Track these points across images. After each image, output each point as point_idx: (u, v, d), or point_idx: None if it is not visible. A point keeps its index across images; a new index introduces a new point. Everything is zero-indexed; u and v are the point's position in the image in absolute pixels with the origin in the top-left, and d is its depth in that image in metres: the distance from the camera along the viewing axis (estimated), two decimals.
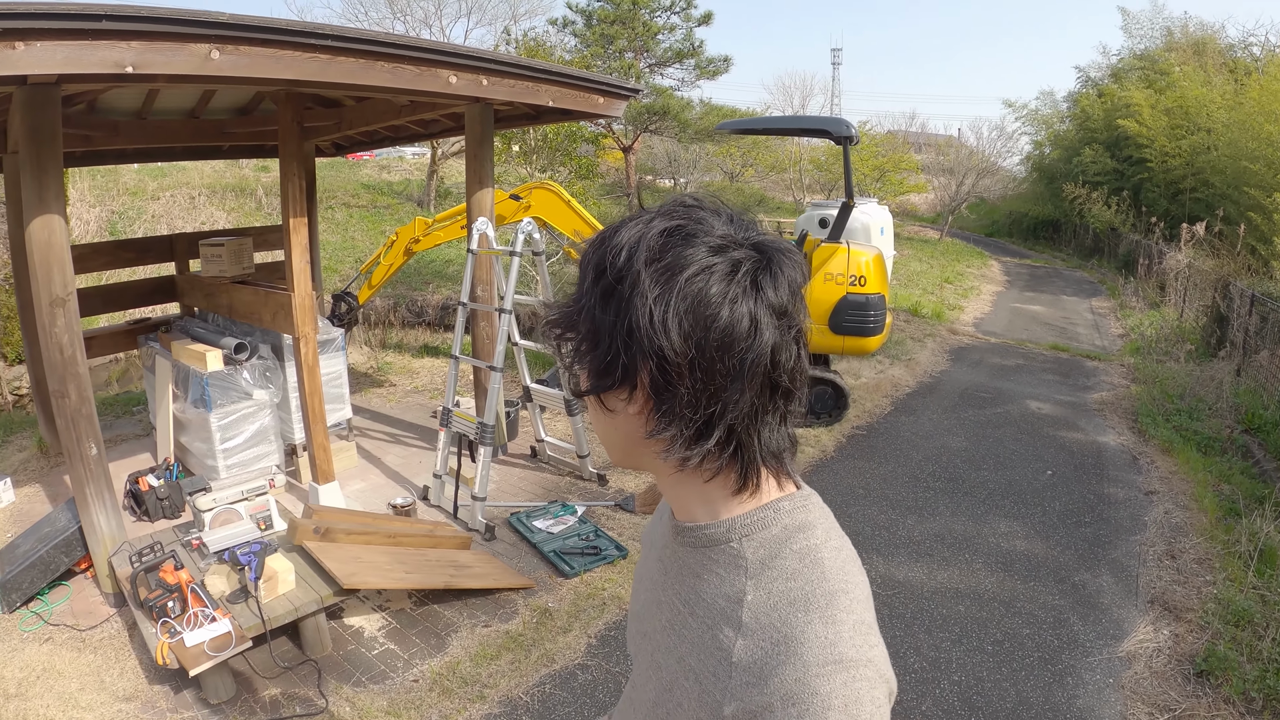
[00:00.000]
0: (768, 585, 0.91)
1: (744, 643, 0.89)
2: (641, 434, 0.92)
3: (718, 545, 0.97)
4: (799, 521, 0.96)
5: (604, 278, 0.88)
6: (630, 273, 0.86)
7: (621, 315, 0.86)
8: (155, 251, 7.42)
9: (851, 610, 0.89)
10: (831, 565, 0.93)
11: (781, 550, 0.93)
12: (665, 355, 0.84)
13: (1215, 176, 18.04)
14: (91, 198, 15.65)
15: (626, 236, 0.88)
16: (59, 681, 3.81)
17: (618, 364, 0.88)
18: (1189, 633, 4.40)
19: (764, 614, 0.90)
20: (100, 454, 4.41)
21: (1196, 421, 8.05)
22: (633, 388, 0.89)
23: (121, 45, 3.43)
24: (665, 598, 1.06)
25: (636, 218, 0.92)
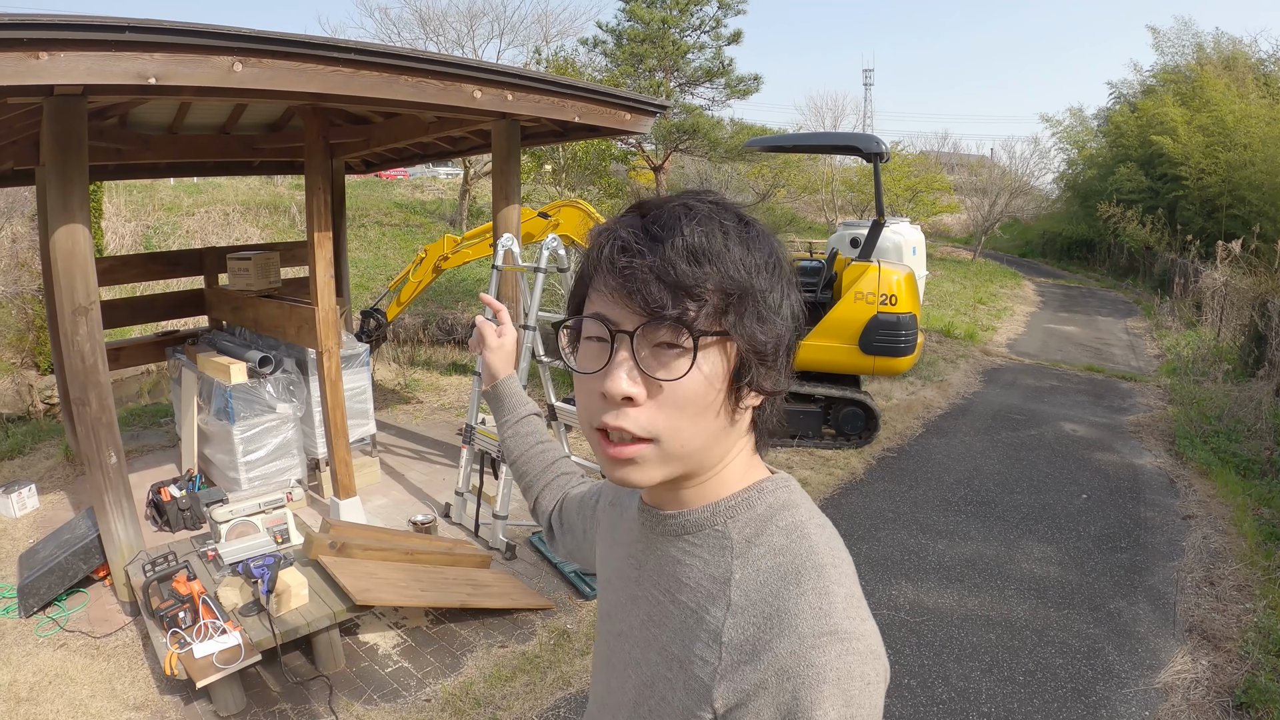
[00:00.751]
0: (755, 562, 0.90)
1: (734, 620, 0.87)
2: (746, 425, 0.95)
3: (702, 530, 0.95)
4: (782, 500, 0.95)
5: (778, 265, 0.91)
6: (785, 260, 0.92)
7: (791, 299, 0.92)
8: (184, 265, 7.48)
9: (841, 582, 0.87)
10: (819, 539, 0.91)
11: (767, 527, 0.92)
12: (800, 335, 0.94)
13: (1252, 193, 17.78)
14: (128, 212, 15.90)
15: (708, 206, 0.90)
16: (70, 687, 3.80)
17: (786, 348, 0.92)
18: (1228, 663, 4.24)
19: (754, 590, 0.87)
20: (120, 462, 4.41)
21: (1235, 443, 7.84)
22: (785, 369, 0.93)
23: (145, 57, 3.45)
24: (642, 592, 1.02)
25: (704, 204, 0.91)
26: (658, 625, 0.98)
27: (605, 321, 0.87)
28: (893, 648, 4.40)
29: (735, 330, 0.85)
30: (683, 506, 0.97)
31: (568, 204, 7.98)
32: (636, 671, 1.00)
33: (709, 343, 0.85)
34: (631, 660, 1.02)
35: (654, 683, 0.95)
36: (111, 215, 14.88)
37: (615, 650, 1.07)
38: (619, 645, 1.06)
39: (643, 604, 1.02)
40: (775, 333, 0.88)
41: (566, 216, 7.83)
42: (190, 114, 6.30)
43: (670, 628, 0.95)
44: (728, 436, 0.92)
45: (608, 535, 1.20)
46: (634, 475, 0.90)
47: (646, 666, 0.98)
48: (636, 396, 0.86)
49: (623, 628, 1.06)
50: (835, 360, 7.59)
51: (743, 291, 0.85)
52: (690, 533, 0.96)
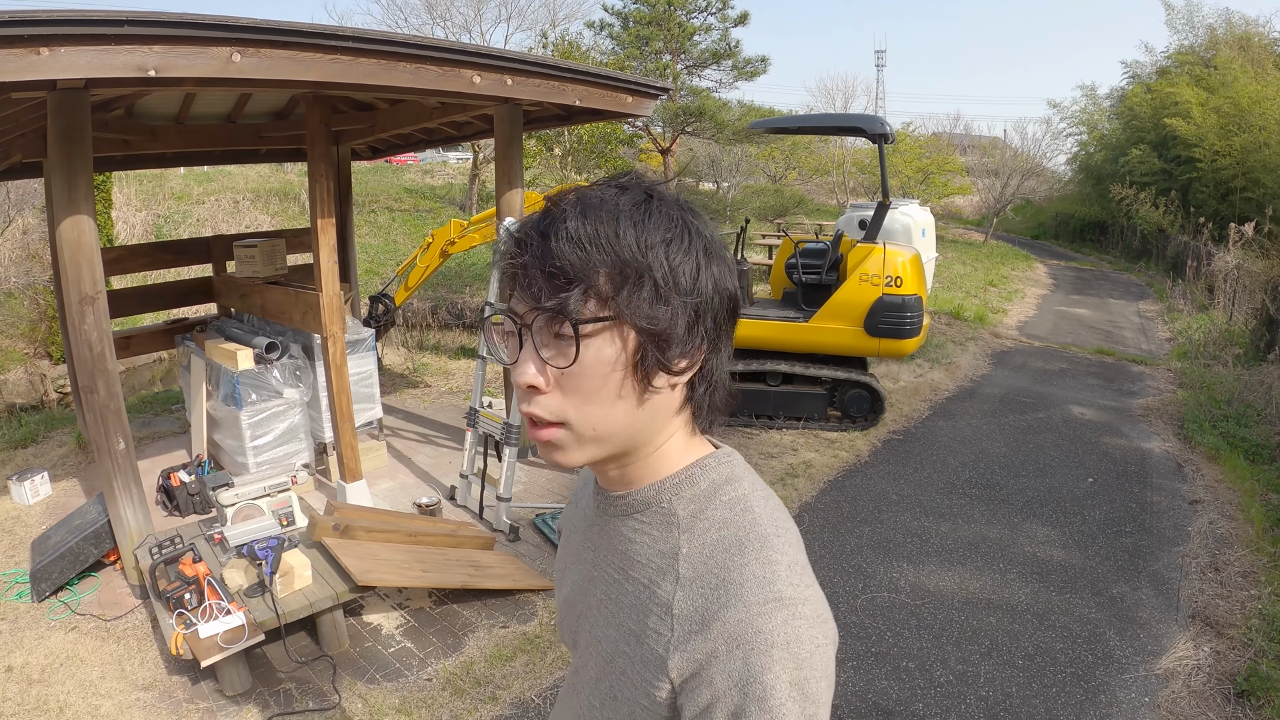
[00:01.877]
0: (701, 536, 0.93)
1: (683, 593, 0.90)
2: (679, 402, 0.95)
3: (649, 507, 0.98)
4: (725, 475, 0.98)
5: (678, 239, 0.88)
6: (700, 233, 0.90)
7: (700, 275, 0.89)
8: (192, 253, 7.53)
9: (784, 551, 0.90)
10: (761, 511, 0.94)
11: (711, 502, 0.95)
12: (730, 310, 0.92)
13: (1267, 176, 17.59)
14: (138, 202, 15.98)
15: (669, 204, 0.91)
16: (81, 669, 3.87)
17: (697, 327, 0.89)
18: (1231, 650, 4.23)
19: (700, 562, 0.91)
20: (129, 449, 4.47)
21: (1244, 428, 7.80)
22: (697, 352, 0.91)
23: (144, 49, 3.48)
24: (598, 572, 1.06)
25: (630, 188, 0.92)
26: (614, 603, 1.00)
27: (510, 315, 0.91)
28: (892, 630, 4.42)
29: (626, 313, 0.85)
30: (629, 486, 1.00)
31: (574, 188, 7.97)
32: (597, 649, 1.03)
33: (598, 328, 0.86)
34: (593, 639, 1.04)
35: (614, 658, 0.98)
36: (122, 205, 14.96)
37: (579, 631, 1.10)
38: (581, 626, 1.09)
39: (599, 584, 1.05)
40: (674, 311, 0.86)
41: None
42: (196, 104, 6.32)
43: (626, 604, 0.98)
44: (650, 417, 0.92)
45: (567, 527, 1.24)
46: (558, 457, 0.93)
47: (606, 643, 1.00)
48: (540, 385, 0.89)
49: (582, 609, 1.09)
50: (840, 342, 7.58)
51: (631, 272, 0.85)
52: (638, 511, 0.99)
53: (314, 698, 3.70)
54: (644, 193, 0.90)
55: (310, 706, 3.63)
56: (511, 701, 3.74)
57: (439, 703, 3.69)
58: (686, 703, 0.87)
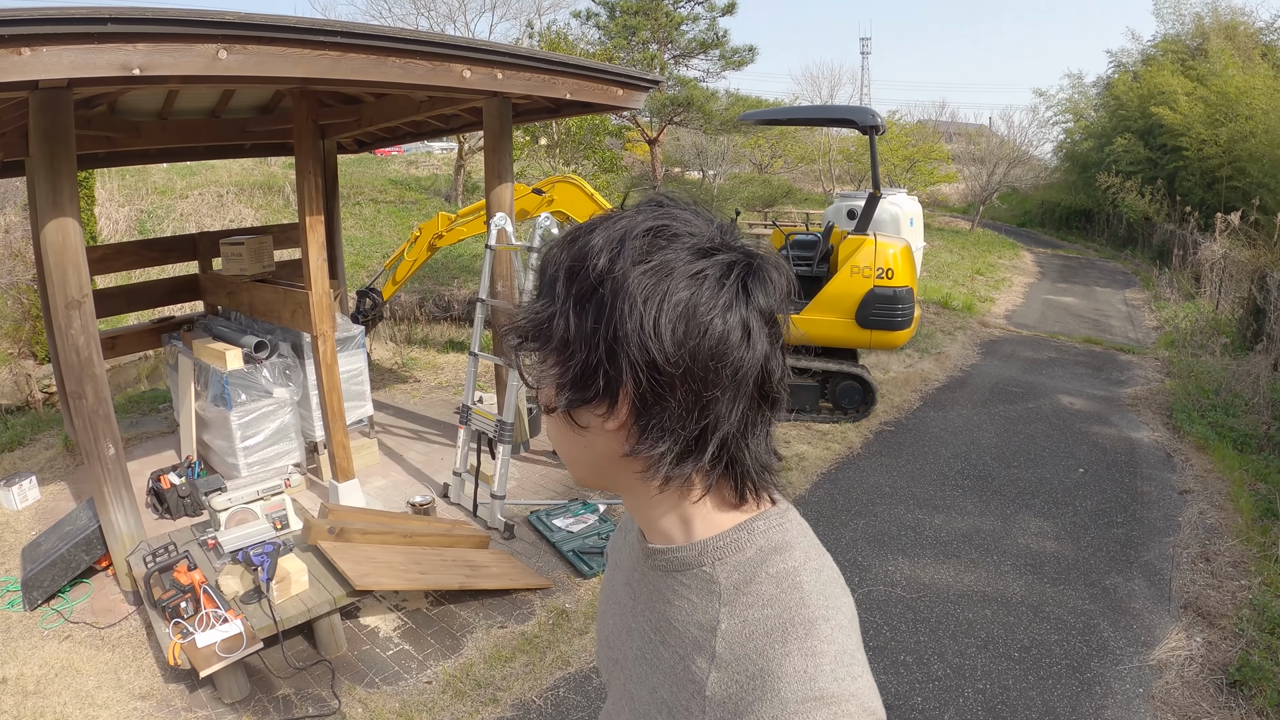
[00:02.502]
0: (743, 613, 0.86)
1: (718, 675, 0.84)
2: (620, 451, 0.86)
3: (689, 569, 0.92)
4: (775, 542, 0.90)
5: (580, 281, 0.81)
6: (613, 275, 0.79)
7: (604, 321, 0.79)
8: (179, 251, 7.45)
9: (833, 639, 0.82)
10: (811, 589, 0.86)
11: (757, 574, 0.88)
12: (657, 364, 0.78)
13: (1253, 165, 17.70)
14: (120, 197, 15.82)
15: (603, 237, 0.82)
16: (77, 679, 3.83)
17: (598, 375, 0.81)
18: (1223, 640, 4.27)
19: (739, 644, 0.84)
20: (118, 454, 4.42)
21: (1233, 417, 7.85)
22: (613, 401, 0.82)
23: (128, 48, 3.42)
24: (635, 624, 1.01)
25: (609, 218, 0.86)
26: (649, 664, 0.96)
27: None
28: (889, 624, 4.43)
29: (533, 357, 0.89)
30: (668, 541, 0.94)
31: (562, 180, 7.94)
32: (630, 705, 1.00)
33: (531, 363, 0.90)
34: (626, 693, 1.02)
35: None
36: (105, 201, 14.79)
37: (613, 676, 1.08)
38: (616, 673, 1.06)
39: (636, 637, 1.01)
40: (561, 364, 0.85)
41: (561, 193, 7.80)
42: (180, 99, 6.24)
43: (660, 670, 0.94)
44: (597, 458, 0.90)
45: (613, 552, 1.20)
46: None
47: (639, 703, 0.97)
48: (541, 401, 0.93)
49: (619, 656, 1.06)
50: (832, 334, 7.59)
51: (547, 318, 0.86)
52: (678, 571, 0.93)
53: (313, 704, 3.68)
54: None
55: (310, 713, 3.61)
56: (512, 703, 3.73)
57: (439, 706, 3.68)
58: None
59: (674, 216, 0.84)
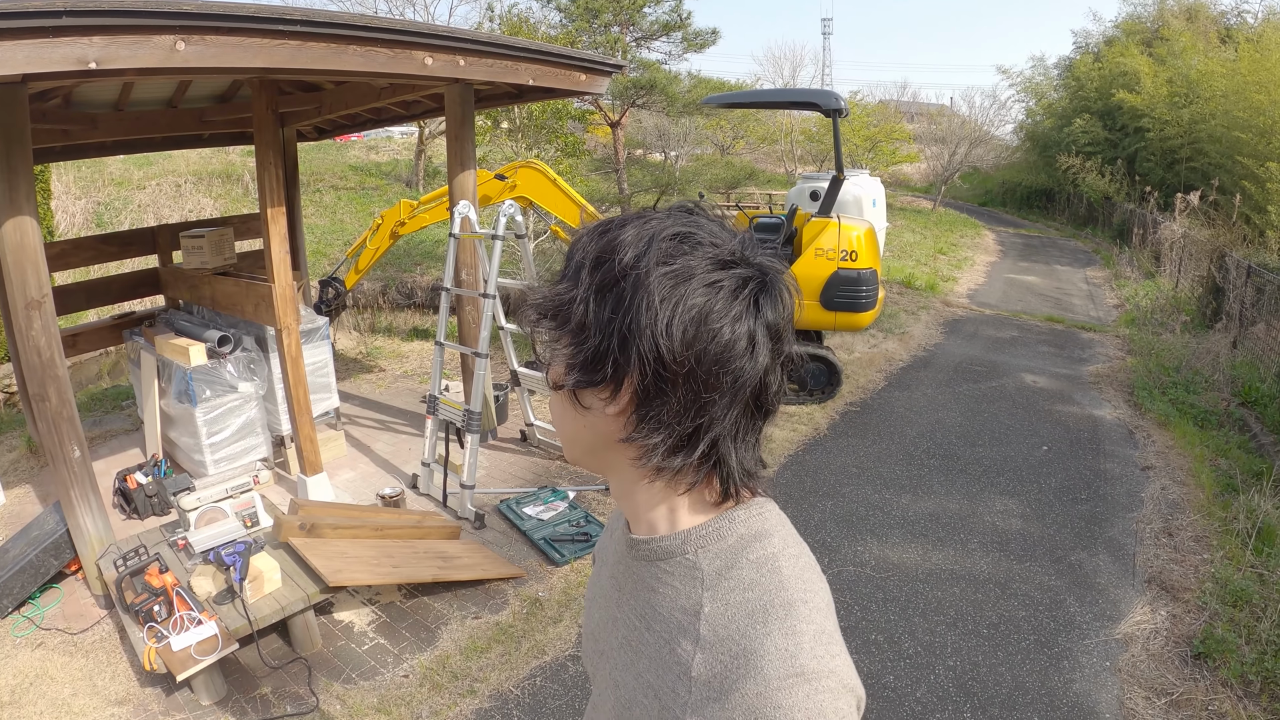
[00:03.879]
0: (725, 596, 0.90)
1: (703, 656, 0.88)
2: (617, 435, 0.91)
3: (673, 557, 0.96)
4: (755, 530, 0.95)
5: (604, 271, 0.86)
6: (636, 271, 0.84)
7: (620, 312, 0.84)
8: (138, 244, 7.30)
9: (811, 619, 0.87)
10: (790, 573, 0.91)
11: (738, 560, 0.92)
12: (664, 360, 0.83)
13: (1211, 146, 17.98)
14: (77, 189, 15.47)
15: (632, 234, 0.87)
16: (52, 687, 3.77)
17: (607, 361, 0.85)
18: (1186, 613, 4.37)
19: (722, 626, 0.88)
20: (84, 456, 4.34)
21: (1193, 395, 8.01)
22: (618, 388, 0.87)
23: (84, 41, 3.33)
24: (621, 614, 1.04)
25: (641, 217, 0.91)
26: (634, 651, 0.99)
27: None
28: (860, 604, 4.49)
29: (547, 335, 0.93)
30: (652, 531, 0.98)
31: (525, 165, 7.90)
32: (615, 692, 1.02)
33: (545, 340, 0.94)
34: (611, 681, 1.04)
35: (631, 706, 0.98)
36: (61, 194, 14.45)
37: (598, 668, 1.10)
38: (601, 663, 1.09)
39: (621, 626, 1.04)
40: (573, 345, 0.89)
41: (524, 178, 7.75)
42: (136, 90, 6.11)
43: (645, 655, 0.97)
44: (595, 438, 0.94)
45: (599, 552, 1.23)
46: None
47: (625, 689, 1.00)
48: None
49: (604, 646, 1.08)
50: (796, 316, 7.60)
51: (567, 300, 0.89)
52: (662, 559, 0.97)
53: (291, 702, 3.66)
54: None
55: (289, 711, 3.59)
56: (490, 694, 3.73)
57: (417, 699, 3.68)
58: None
59: (700, 225, 0.89)
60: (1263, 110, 15.08)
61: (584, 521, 5.31)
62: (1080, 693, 3.77)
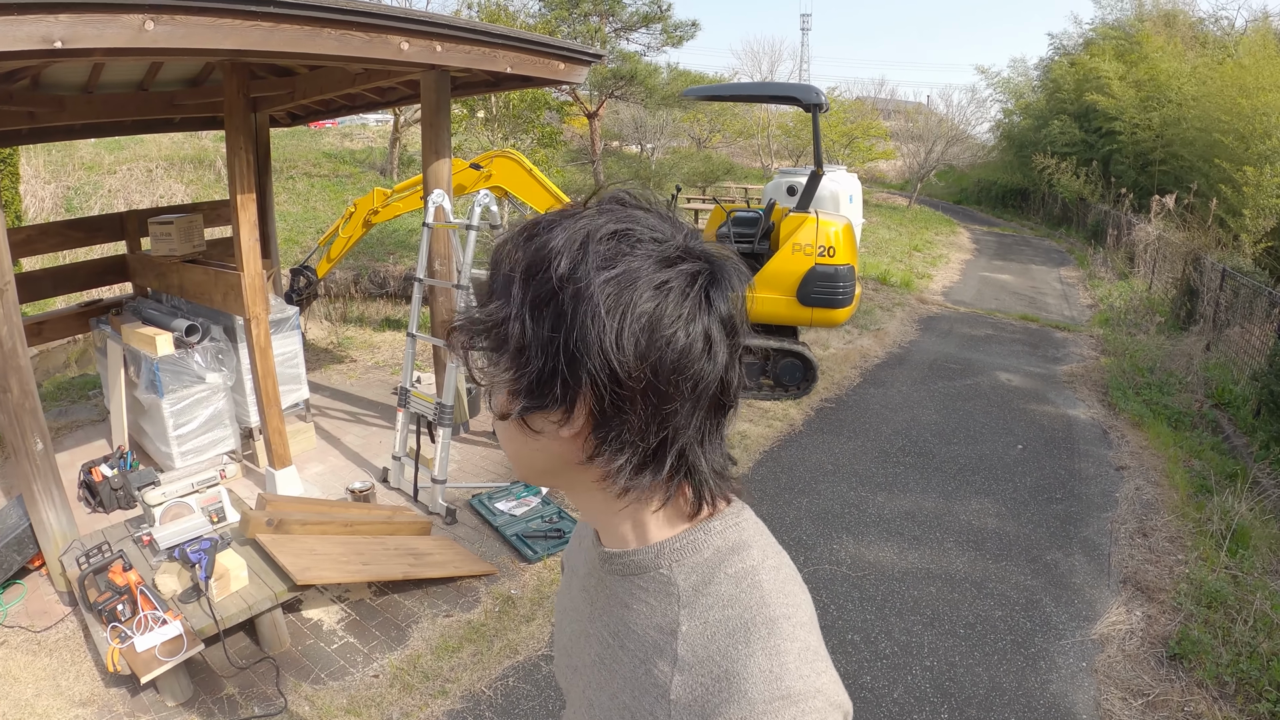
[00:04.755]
0: (703, 614, 0.85)
1: (681, 679, 0.84)
2: (577, 458, 0.85)
3: (646, 572, 0.91)
4: (732, 541, 0.90)
5: (538, 284, 0.78)
6: (575, 281, 0.76)
7: (563, 330, 0.77)
8: (106, 230, 7.14)
9: (795, 636, 0.83)
10: (771, 587, 0.87)
11: (715, 574, 0.87)
12: (618, 378, 0.76)
13: (1185, 149, 18.15)
14: (46, 174, 15.15)
15: (563, 237, 0.79)
16: (14, 687, 3.65)
17: (555, 383, 0.78)
18: (1161, 614, 4.39)
19: (700, 646, 0.84)
20: (47, 449, 4.22)
21: (1167, 395, 8.07)
22: (570, 410, 0.80)
23: (49, 19, 3.22)
24: (593, 629, 0.99)
25: (569, 215, 0.82)
26: (608, 670, 0.94)
27: None
28: (836, 603, 4.47)
29: (484, 360, 0.86)
30: (621, 544, 0.93)
31: (501, 155, 7.81)
32: (589, 713, 0.97)
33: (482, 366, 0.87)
34: (585, 700, 0.99)
35: None
36: (30, 178, 14.13)
37: (572, 684, 1.05)
38: (575, 680, 1.04)
39: (594, 643, 0.99)
40: (516, 369, 0.81)
41: (500, 168, 7.66)
42: (106, 72, 5.96)
43: (620, 675, 0.92)
44: (551, 461, 0.88)
45: (568, 560, 1.17)
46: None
47: (599, 709, 0.95)
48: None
49: (577, 663, 1.03)
50: (773, 312, 7.61)
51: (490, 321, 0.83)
52: (635, 574, 0.92)
53: (259, 702, 3.57)
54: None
55: (256, 713, 3.50)
56: (462, 695, 3.67)
57: (388, 700, 3.60)
58: None
59: (636, 220, 0.81)
60: (1243, 114, 15.21)
61: (557, 518, 5.25)
62: (1057, 693, 3.77)
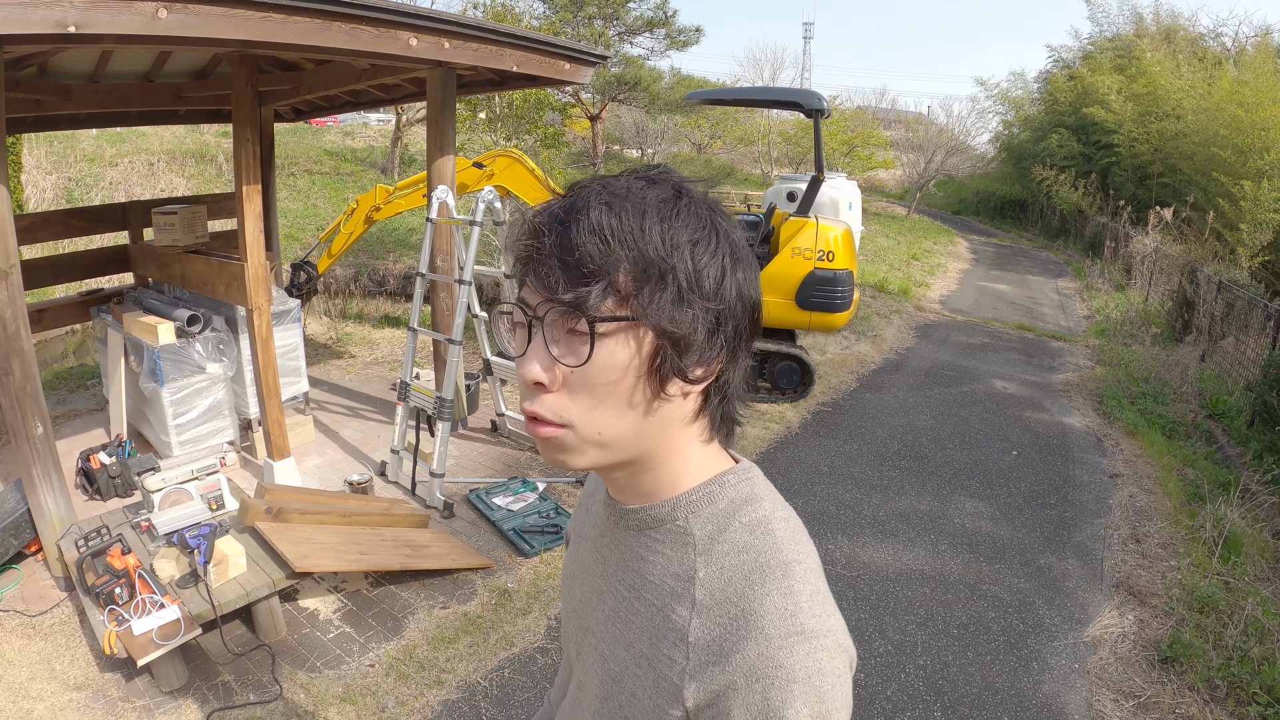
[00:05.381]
0: (719, 560, 0.89)
1: (700, 620, 0.87)
2: (692, 411, 0.91)
3: (662, 525, 0.95)
4: (745, 494, 0.94)
5: (704, 241, 0.84)
6: (728, 237, 0.86)
7: (725, 281, 0.85)
8: (108, 220, 7.16)
9: (807, 579, 0.87)
10: (783, 535, 0.91)
11: (730, 524, 0.91)
12: (754, 319, 0.88)
13: (1183, 162, 18.21)
14: (48, 164, 15.14)
15: (671, 186, 0.86)
16: (9, 670, 3.65)
17: (717, 335, 0.86)
18: (1154, 618, 4.41)
19: (718, 590, 0.87)
20: (47, 433, 4.23)
21: (1161, 405, 8.11)
22: (712, 361, 0.87)
23: (64, 4, 3.23)
24: (607, 587, 1.02)
25: (665, 201, 0.85)
26: (624, 621, 0.97)
27: (521, 306, 0.86)
28: None
29: (646, 314, 0.81)
30: (643, 500, 0.96)
31: (503, 154, 7.84)
32: (603, 667, 0.99)
33: (615, 328, 0.82)
34: (598, 655, 1.01)
35: (622, 678, 0.95)
36: (32, 168, 14.11)
37: (583, 646, 1.07)
38: (586, 640, 1.06)
39: (608, 599, 1.01)
40: (696, 316, 0.83)
41: (502, 167, 7.69)
42: (113, 62, 5.99)
43: (636, 625, 0.95)
44: (660, 426, 0.88)
45: (575, 529, 1.19)
46: (560, 457, 0.89)
47: (614, 662, 0.97)
48: (546, 382, 0.85)
49: (589, 623, 1.05)
50: (771, 315, 7.64)
51: (655, 272, 0.81)
52: (652, 528, 0.95)
53: (254, 690, 3.58)
54: (673, 189, 0.86)
55: (251, 699, 3.51)
56: (457, 685, 3.68)
57: (383, 689, 3.62)
58: None
59: (684, 184, 0.89)
60: (1242, 129, 15.27)
61: (554, 513, 5.27)
62: (1049, 694, 3.79)
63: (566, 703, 1.14)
